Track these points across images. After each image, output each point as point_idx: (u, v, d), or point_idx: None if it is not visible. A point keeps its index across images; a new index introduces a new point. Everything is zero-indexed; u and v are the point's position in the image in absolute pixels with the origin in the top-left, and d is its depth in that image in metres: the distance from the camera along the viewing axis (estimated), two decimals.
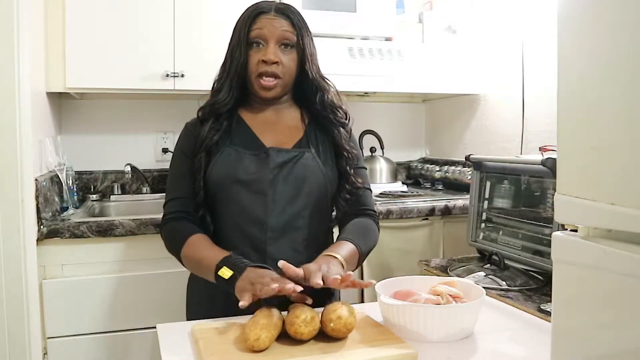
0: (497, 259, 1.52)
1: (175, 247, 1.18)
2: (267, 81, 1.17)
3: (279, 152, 1.19)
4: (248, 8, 1.21)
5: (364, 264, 1.77)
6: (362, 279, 1.91)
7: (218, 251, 1.10)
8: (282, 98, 1.24)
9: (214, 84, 1.24)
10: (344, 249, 1.12)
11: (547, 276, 1.40)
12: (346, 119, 1.28)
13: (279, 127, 1.24)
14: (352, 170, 1.25)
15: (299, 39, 1.19)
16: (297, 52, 1.20)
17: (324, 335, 0.91)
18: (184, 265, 1.19)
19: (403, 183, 2.54)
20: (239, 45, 1.18)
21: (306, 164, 1.19)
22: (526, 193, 1.62)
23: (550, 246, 0.68)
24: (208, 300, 1.19)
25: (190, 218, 1.20)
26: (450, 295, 1.01)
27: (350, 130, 1.30)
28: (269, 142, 1.21)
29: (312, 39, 1.24)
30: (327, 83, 1.26)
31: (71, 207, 1.89)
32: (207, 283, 1.15)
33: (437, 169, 2.52)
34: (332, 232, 1.31)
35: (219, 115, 1.21)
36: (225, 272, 1.03)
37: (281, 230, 1.17)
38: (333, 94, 1.26)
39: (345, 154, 1.25)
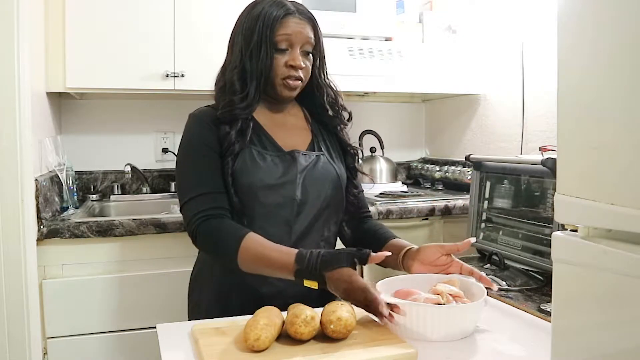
0: (497, 259, 1.52)
1: (226, 246, 1.10)
2: (294, 82, 1.17)
3: (303, 155, 1.19)
4: (267, 6, 1.15)
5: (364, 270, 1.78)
6: (362, 277, 1.92)
7: (284, 254, 1.06)
8: None
9: (227, 84, 1.18)
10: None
11: (547, 276, 1.39)
12: (349, 120, 1.30)
13: (289, 128, 1.25)
14: (358, 166, 1.29)
15: (317, 45, 1.20)
16: (313, 56, 1.21)
17: (324, 335, 0.91)
18: (234, 265, 1.10)
19: (403, 183, 2.54)
20: (264, 46, 1.14)
21: (324, 167, 1.21)
22: (526, 193, 1.62)
23: (550, 246, 0.68)
24: (221, 298, 1.19)
25: (230, 216, 1.13)
26: (450, 294, 1.01)
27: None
28: (286, 144, 1.20)
29: (323, 41, 1.24)
30: (332, 83, 1.28)
31: (71, 207, 1.90)
32: (217, 283, 1.18)
33: (437, 169, 2.52)
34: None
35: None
36: (312, 284, 1.02)
37: (305, 232, 1.17)
38: (335, 92, 1.28)
39: (352, 150, 1.28)
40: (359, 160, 1.32)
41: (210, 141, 1.15)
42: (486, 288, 1.04)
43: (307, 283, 1.02)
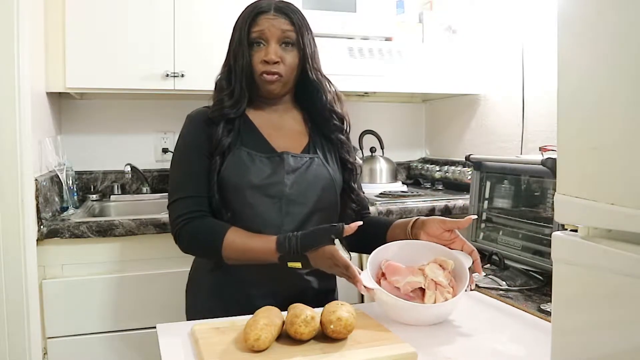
0: (497, 259, 1.52)
1: (210, 242, 1.13)
2: (269, 76, 1.17)
3: (293, 157, 1.19)
4: (247, 8, 1.21)
5: (364, 261, 1.77)
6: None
7: (265, 242, 1.10)
8: (283, 98, 1.25)
9: (217, 84, 1.23)
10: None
11: (547, 276, 1.40)
12: (343, 124, 1.27)
13: (285, 130, 1.25)
14: (356, 185, 1.28)
15: (299, 38, 1.19)
16: (298, 50, 1.20)
17: (324, 336, 0.91)
18: (220, 259, 1.14)
19: (403, 183, 2.54)
20: (241, 46, 1.18)
21: (317, 170, 1.21)
22: (526, 193, 1.62)
23: (550, 246, 0.68)
24: (217, 297, 1.19)
25: (210, 217, 1.17)
26: (434, 280, 1.02)
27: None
28: (279, 145, 1.21)
29: (313, 37, 1.23)
30: (328, 84, 1.26)
31: (71, 207, 1.90)
32: (213, 282, 1.19)
33: (437, 169, 2.52)
34: None
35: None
36: (296, 265, 1.08)
37: None
38: (332, 95, 1.26)
39: (350, 166, 1.27)
40: (358, 176, 1.29)
41: (201, 143, 1.18)
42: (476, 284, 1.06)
43: (291, 265, 1.08)
